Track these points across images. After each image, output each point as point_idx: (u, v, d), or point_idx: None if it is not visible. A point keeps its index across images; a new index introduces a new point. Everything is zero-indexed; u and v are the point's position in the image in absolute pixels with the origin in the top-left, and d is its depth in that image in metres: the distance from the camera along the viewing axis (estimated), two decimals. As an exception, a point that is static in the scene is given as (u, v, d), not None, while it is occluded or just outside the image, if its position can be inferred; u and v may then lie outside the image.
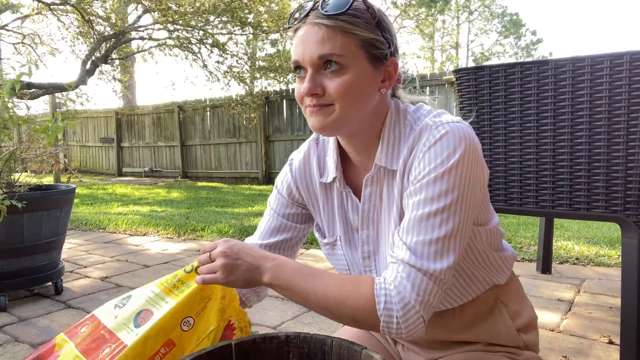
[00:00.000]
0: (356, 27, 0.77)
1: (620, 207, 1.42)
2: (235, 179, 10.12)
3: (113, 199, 7.18)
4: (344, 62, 0.78)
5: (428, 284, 0.73)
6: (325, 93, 0.79)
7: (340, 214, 0.92)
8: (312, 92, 0.79)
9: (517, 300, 0.92)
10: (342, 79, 0.78)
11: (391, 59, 0.82)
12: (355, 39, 0.78)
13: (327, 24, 0.77)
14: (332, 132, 0.83)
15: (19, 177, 2.53)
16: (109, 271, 2.94)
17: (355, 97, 0.79)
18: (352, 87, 0.78)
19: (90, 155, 12.93)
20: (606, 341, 1.76)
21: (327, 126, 0.81)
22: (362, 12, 0.79)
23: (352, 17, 0.77)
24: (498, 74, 1.61)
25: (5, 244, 2.25)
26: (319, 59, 0.78)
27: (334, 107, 0.80)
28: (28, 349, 1.83)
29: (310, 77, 0.79)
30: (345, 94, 0.78)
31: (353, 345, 0.71)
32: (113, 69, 10.66)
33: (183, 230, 4.16)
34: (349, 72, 0.78)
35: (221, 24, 9.57)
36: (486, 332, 0.88)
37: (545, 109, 1.52)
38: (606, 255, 3.01)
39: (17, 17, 9.52)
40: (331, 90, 0.79)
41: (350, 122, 0.82)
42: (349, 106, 0.79)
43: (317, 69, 0.79)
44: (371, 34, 0.79)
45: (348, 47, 0.77)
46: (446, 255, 0.74)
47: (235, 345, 0.75)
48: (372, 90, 0.81)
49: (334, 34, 0.77)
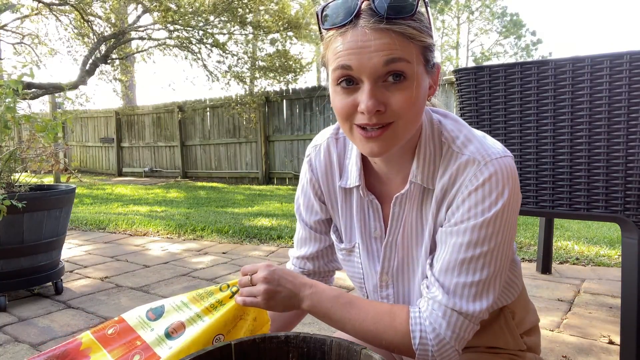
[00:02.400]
0: (421, 33, 0.68)
1: (620, 207, 1.42)
2: (235, 179, 10.12)
3: (113, 199, 7.18)
4: (409, 72, 0.68)
5: (464, 322, 0.74)
6: (387, 109, 0.69)
7: (360, 220, 0.86)
8: (376, 109, 0.68)
9: (523, 307, 0.92)
10: (407, 92, 0.68)
11: (438, 63, 0.76)
12: (420, 46, 0.69)
13: (392, 29, 0.66)
14: (389, 152, 0.73)
15: (19, 177, 2.53)
16: (109, 271, 2.94)
17: (418, 111, 0.72)
18: (417, 101, 0.70)
19: (90, 155, 12.93)
20: (606, 341, 1.76)
21: (391, 146, 0.72)
22: (423, 14, 0.70)
23: (417, 22, 0.68)
24: (498, 74, 1.61)
25: (5, 244, 2.25)
26: (385, 65, 0.67)
27: (394, 125, 0.70)
28: (28, 349, 1.83)
29: (370, 91, 0.68)
30: (410, 108, 0.69)
31: (352, 345, 0.71)
32: (113, 68, 10.66)
33: (183, 230, 4.16)
34: (412, 83, 0.68)
35: (221, 23, 9.57)
36: (492, 338, 0.88)
37: (545, 109, 1.52)
38: (606, 255, 3.01)
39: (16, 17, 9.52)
40: (395, 105, 0.68)
41: (407, 138, 0.74)
42: (412, 122, 0.71)
43: (376, 81, 0.68)
44: (430, 39, 0.70)
45: (413, 56, 0.68)
46: (485, 296, 0.74)
47: (235, 345, 0.75)
48: (425, 99, 0.73)
49: (401, 41, 0.67)
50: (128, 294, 2.48)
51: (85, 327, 2.05)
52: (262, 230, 4.05)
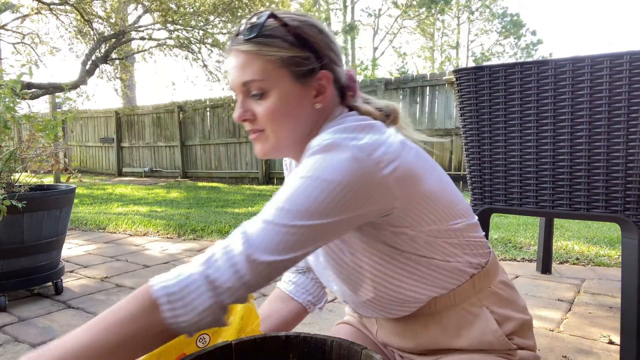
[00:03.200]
0: (272, 48, 0.77)
1: (620, 207, 1.42)
2: (235, 179, 10.12)
3: (113, 199, 7.18)
4: (266, 85, 0.78)
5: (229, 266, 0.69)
6: (256, 119, 0.80)
7: None
8: (243, 118, 0.81)
9: (505, 304, 0.87)
10: (267, 103, 0.79)
11: (322, 72, 0.81)
12: (273, 60, 0.77)
13: (244, 50, 0.78)
14: (273, 156, 0.84)
15: (19, 177, 2.53)
16: (109, 271, 2.94)
17: (285, 119, 0.79)
18: (279, 110, 0.79)
19: (90, 155, 12.93)
20: (606, 341, 1.76)
21: (268, 153, 0.83)
22: (277, 31, 0.78)
23: (267, 39, 0.77)
24: (498, 74, 1.61)
25: (5, 244, 2.25)
26: (242, 85, 0.79)
27: (267, 133, 0.81)
28: (28, 349, 1.83)
29: (239, 103, 0.81)
30: (273, 117, 0.79)
31: (353, 345, 0.71)
32: (114, 68, 10.66)
33: (183, 230, 4.16)
34: (272, 94, 0.78)
35: (221, 23, 9.57)
36: (476, 342, 0.83)
37: (545, 109, 1.52)
38: (606, 255, 3.01)
39: (16, 16, 9.52)
40: (259, 115, 0.80)
41: (288, 144, 0.82)
42: (280, 129, 0.80)
43: (245, 95, 0.81)
44: (289, 52, 0.78)
45: (268, 70, 0.78)
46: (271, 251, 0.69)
47: (235, 345, 0.75)
48: (304, 108, 0.80)
49: (252, 58, 0.78)
50: (128, 294, 2.48)
51: (85, 327, 2.05)
52: (262, 230, 4.04)
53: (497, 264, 0.90)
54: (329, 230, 0.70)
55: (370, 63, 23.90)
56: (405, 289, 0.83)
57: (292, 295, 1.10)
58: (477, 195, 1.72)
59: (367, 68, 23.46)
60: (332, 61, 0.83)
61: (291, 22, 0.80)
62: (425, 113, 7.84)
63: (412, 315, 0.87)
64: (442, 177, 0.83)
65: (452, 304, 0.84)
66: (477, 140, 1.70)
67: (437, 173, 0.82)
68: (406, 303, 0.85)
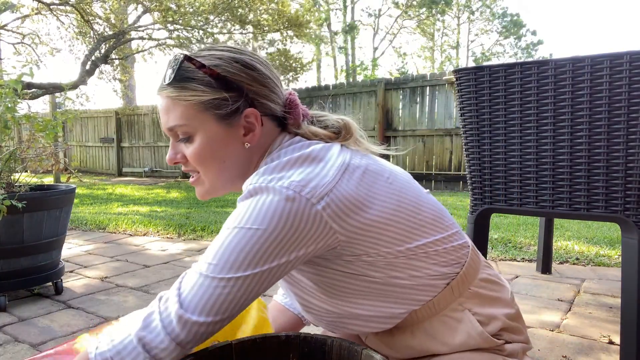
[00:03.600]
0: (188, 92, 0.76)
1: (620, 207, 1.42)
2: (235, 179, 10.11)
3: (113, 199, 7.18)
4: (189, 130, 0.78)
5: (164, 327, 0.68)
6: (187, 161, 0.81)
7: None
8: (174, 161, 0.82)
9: (488, 302, 0.83)
10: (194, 146, 0.79)
11: (247, 110, 0.79)
12: (192, 104, 0.76)
13: (166, 95, 0.78)
14: (214, 196, 0.84)
15: (19, 177, 2.53)
16: (109, 271, 2.94)
17: (212, 161, 0.79)
18: (205, 153, 0.78)
19: (90, 155, 12.92)
20: (606, 341, 1.76)
21: (206, 194, 0.84)
22: (194, 74, 0.77)
23: (184, 82, 0.77)
24: (498, 74, 1.61)
25: (5, 244, 2.25)
26: (169, 130, 0.80)
27: (201, 174, 0.81)
28: (28, 349, 1.83)
29: (171, 145, 0.82)
30: (200, 160, 0.79)
31: (353, 345, 0.71)
32: (113, 68, 10.66)
33: (183, 230, 4.16)
34: (197, 138, 0.78)
35: (221, 22, 9.57)
36: (462, 344, 0.81)
37: (545, 109, 1.52)
38: (606, 255, 3.01)
39: (16, 17, 9.52)
40: (188, 158, 0.80)
41: (222, 185, 0.82)
42: (210, 171, 0.80)
43: (174, 138, 0.81)
44: (208, 95, 0.76)
45: (189, 115, 0.77)
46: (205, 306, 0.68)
47: (235, 345, 0.75)
48: (232, 147, 0.79)
49: (173, 104, 0.78)
50: (128, 294, 2.49)
51: (85, 327, 2.05)
52: (262, 230, 4.04)
53: (476, 262, 0.86)
54: (266, 278, 0.68)
55: (370, 63, 23.90)
56: (375, 307, 0.80)
57: (288, 307, 1.10)
58: (477, 195, 1.72)
59: (367, 68, 23.47)
60: (260, 96, 0.80)
61: (210, 62, 0.78)
62: (425, 113, 7.84)
63: (396, 327, 0.84)
64: (401, 193, 0.78)
65: (433, 312, 0.81)
66: (477, 140, 1.70)
67: (393, 191, 0.77)
68: (382, 320, 0.82)
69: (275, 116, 0.83)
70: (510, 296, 0.89)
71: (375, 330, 0.85)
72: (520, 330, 0.86)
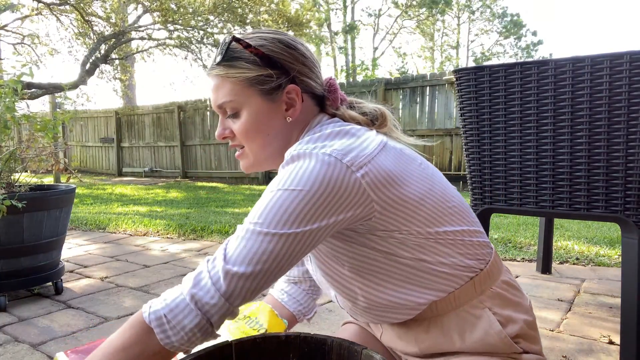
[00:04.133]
0: (237, 70, 0.83)
1: (620, 207, 1.42)
2: (235, 179, 10.11)
3: (113, 199, 7.18)
4: (237, 105, 0.84)
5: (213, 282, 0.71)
6: (234, 135, 0.87)
7: None
8: (223, 136, 0.88)
9: (508, 305, 0.85)
10: (240, 121, 0.85)
11: (289, 86, 0.84)
12: (239, 81, 0.83)
13: (215, 74, 0.85)
14: (257, 170, 0.89)
15: (19, 177, 2.53)
16: (109, 271, 2.94)
17: (256, 134, 0.85)
18: (251, 127, 0.84)
19: (90, 155, 12.93)
20: (606, 341, 1.76)
21: (249, 167, 0.90)
22: (241, 53, 0.83)
23: (232, 61, 0.83)
24: (498, 74, 1.61)
25: (5, 244, 2.25)
26: (218, 107, 0.86)
27: (245, 149, 0.87)
28: (28, 349, 1.83)
29: (220, 121, 0.88)
30: (246, 134, 0.85)
31: (353, 345, 0.71)
32: (113, 68, 10.67)
33: (183, 230, 4.16)
34: (244, 113, 0.84)
35: (221, 23, 9.57)
36: (480, 344, 0.82)
37: (545, 109, 1.52)
38: (606, 255, 3.01)
39: (16, 17, 9.52)
40: (235, 133, 0.86)
41: (265, 158, 0.87)
42: (255, 144, 0.86)
43: (223, 115, 0.87)
44: (254, 72, 0.82)
45: (235, 91, 0.83)
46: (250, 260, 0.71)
47: (235, 345, 0.75)
48: (276, 122, 0.85)
49: (221, 82, 0.84)
50: (128, 294, 2.49)
51: (85, 327, 2.05)
52: (262, 230, 4.04)
53: (499, 264, 0.89)
54: (306, 240, 0.71)
55: (370, 63, 23.90)
56: (400, 294, 0.82)
57: (284, 304, 1.14)
58: (477, 195, 1.72)
59: (367, 68, 23.47)
60: (300, 74, 0.86)
61: (255, 42, 0.84)
62: (425, 113, 7.84)
63: (414, 319, 0.86)
64: (433, 179, 0.82)
65: (453, 306, 0.83)
66: (477, 140, 1.70)
67: (426, 175, 0.81)
68: (402, 308, 0.84)
69: (314, 95, 0.89)
70: (529, 304, 0.90)
71: (392, 320, 0.87)
72: (536, 340, 0.87)
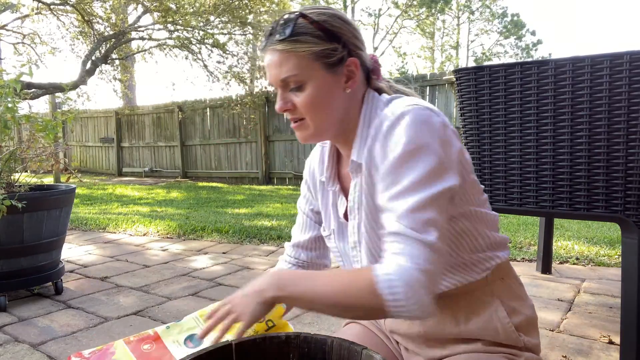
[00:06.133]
0: (303, 45, 0.86)
1: (620, 207, 1.42)
2: (235, 179, 10.11)
3: (113, 199, 7.18)
4: (301, 78, 0.87)
5: (423, 251, 0.74)
6: (296, 108, 0.89)
7: (333, 209, 1.00)
8: (283, 109, 0.90)
9: (515, 298, 0.91)
10: (304, 94, 0.87)
11: (350, 59, 0.88)
12: (305, 55, 0.86)
13: (280, 49, 0.87)
14: (314, 141, 0.93)
15: (19, 177, 2.53)
16: (109, 271, 2.94)
17: (321, 106, 0.88)
18: (315, 99, 0.87)
19: (90, 155, 12.92)
20: (606, 341, 1.76)
21: (308, 138, 0.92)
22: (307, 29, 0.86)
23: (299, 37, 0.86)
24: (498, 74, 1.61)
25: (5, 244, 2.25)
26: (281, 81, 0.88)
27: (306, 121, 0.90)
28: (28, 349, 1.83)
29: (280, 95, 0.90)
30: (310, 106, 0.88)
31: (353, 345, 0.72)
32: (113, 68, 10.67)
33: (183, 230, 4.16)
34: (308, 86, 0.87)
35: (221, 23, 9.57)
36: (483, 328, 0.87)
37: (545, 109, 1.52)
38: (606, 255, 3.01)
39: (17, 17, 9.52)
40: (298, 105, 0.88)
41: (326, 128, 0.91)
42: (318, 116, 0.89)
43: (283, 89, 0.90)
44: (319, 47, 0.86)
45: (301, 65, 0.86)
46: (432, 223, 0.75)
47: (235, 345, 0.75)
48: (337, 94, 0.88)
49: (287, 56, 0.86)
50: (128, 294, 2.48)
51: (85, 327, 2.05)
52: (262, 230, 4.05)
53: (509, 262, 0.96)
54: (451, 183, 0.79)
55: (370, 63, 23.83)
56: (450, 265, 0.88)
57: None
58: (477, 195, 1.72)
59: (367, 68, 23.40)
60: (357, 47, 0.90)
61: (318, 18, 0.88)
62: (425, 113, 7.83)
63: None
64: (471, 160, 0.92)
65: (465, 290, 0.89)
66: (477, 140, 1.70)
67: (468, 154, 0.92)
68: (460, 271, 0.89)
69: (365, 68, 0.93)
70: (532, 303, 0.96)
71: None
72: (536, 336, 0.92)
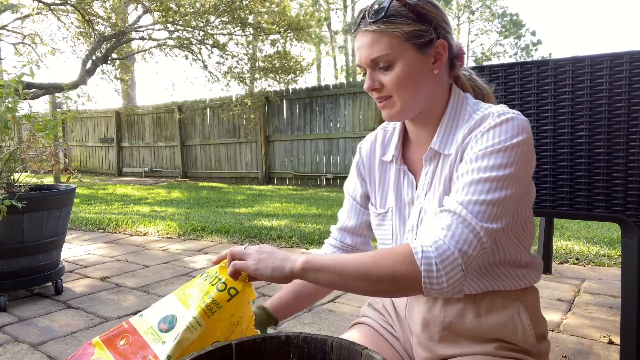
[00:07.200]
0: (396, 26, 0.88)
1: (620, 207, 1.42)
2: (235, 179, 10.12)
3: (113, 199, 7.18)
4: (392, 58, 0.89)
5: (468, 235, 0.77)
6: (384, 87, 0.92)
7: (395, 188, 1.02)
8: (372, 88, 0.93)
9: (536, 311, 0.95)
10: (393, 73, 0.90)
11: (438, 41, 0.91)
12: (397, 35, 0.88)
13: (373, 30, 0.90)
14: (399, 119, 0.96)
15: (19, 177, 2.53)
16: (109, 271, 2.94)
17: (409, 86, 0.90)
18: (404, 78, 0.90)
19: (90, 155, 12.93)
20: (606, 341, 1.76)
21: (394, 116, 0.94)
22: (399, 10, 0.89)
23: (392, 18, 0.88)
24: (498, 74, 1.60)
25: (5, 244, 2.25)
26: (372, 61, 0.91)
27: (394, 99, 0.92)
28: (28, 349, 1.83)
29: (368, 75, 0.93)
30: (398, 85, 0.90)
31: (353, 345, 0.71)
32: (114, 68, 10.66)
33: (183, 230, 4.16)
34: (398, 65, 0.89)
35: (221, 24, 9.57)
36: (503, 324, 0.89)
37: (545, 109, 1.52)
38: (606, 255, 3.01)
39: (17, 17, 9.51)
40: (386, 84, 0.91)
41: (411, 107, 0.93)
42: (405, 95, 0.91)
43: (373, 68, 0.92)
44: (411, 27, 0.88)
45: (392, 45, 0.89)
46: (494, 218, 0.79)
47: (235, 346, 0.75)
48: (425, 74, 0.91)
49: (379, 37, 0.89)
50: (128, 294, 2.49)
51: (85, 327, 2.05)
52: (262, 230, 4.05)
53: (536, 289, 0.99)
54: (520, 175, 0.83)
55: (370, 63, 23.81)
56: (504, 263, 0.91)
57: None
58: (477, 195, 1.72)
59: (367, 68, 23.38)
60: (445, 30, 0.93)
61: (411, 0, 0.90)
62: (425, 113, 7.84)
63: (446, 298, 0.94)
64: None
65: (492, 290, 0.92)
66: (477, 140, 1.69)
67: None
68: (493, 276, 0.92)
69: (451, 52, 0.96)
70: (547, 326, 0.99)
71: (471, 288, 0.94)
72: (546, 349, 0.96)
